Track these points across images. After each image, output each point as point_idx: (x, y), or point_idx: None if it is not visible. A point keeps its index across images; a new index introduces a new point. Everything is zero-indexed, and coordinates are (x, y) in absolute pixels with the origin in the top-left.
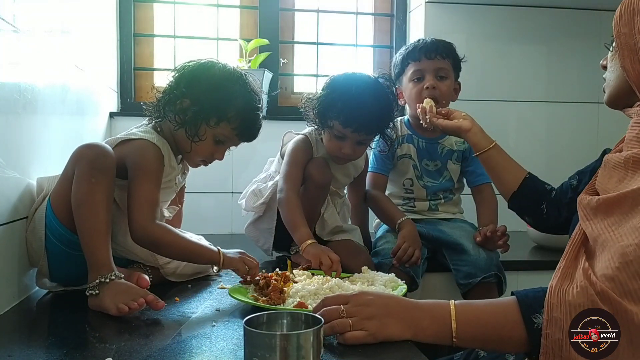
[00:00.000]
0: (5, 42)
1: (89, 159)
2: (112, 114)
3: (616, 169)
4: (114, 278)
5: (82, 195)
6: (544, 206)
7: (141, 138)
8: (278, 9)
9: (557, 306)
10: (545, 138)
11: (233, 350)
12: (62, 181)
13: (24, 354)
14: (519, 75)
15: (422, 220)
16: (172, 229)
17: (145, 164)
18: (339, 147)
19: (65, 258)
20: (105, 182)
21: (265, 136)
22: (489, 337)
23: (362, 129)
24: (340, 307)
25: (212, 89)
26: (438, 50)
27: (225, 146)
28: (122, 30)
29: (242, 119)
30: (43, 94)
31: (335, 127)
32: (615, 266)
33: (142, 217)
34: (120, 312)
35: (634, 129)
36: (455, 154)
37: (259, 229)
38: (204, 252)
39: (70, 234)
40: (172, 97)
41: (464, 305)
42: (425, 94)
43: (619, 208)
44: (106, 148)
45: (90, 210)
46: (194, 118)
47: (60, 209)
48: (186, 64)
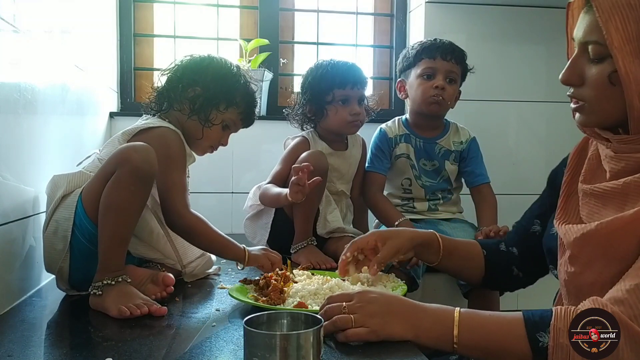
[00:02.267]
0: (5, 42)
1: (134, 165)
2: (112, 114)
3: (612, 197)
4: (121, 281)
5: (117, 201)
6: (516, 270)
7: (161, 126)
8: (278, 9)
9: (563, 332)
10: (545, 138)
11: (233, 350)
12: (99, 179)
13: (24, 354)
14: (518, 75)
15: (422, 220)
16: (205, 220)
17: (170, 151)
18: (348, 111)
19: (91, 259)
20: (144, 191)
21: (265, 136)
22: (490, 348)
23: (357, 81)
24: (342, 304)
25: (220, 76)
26: (454, 53)
27: (230, 131)
28: (122, 30)
29: (246, 103)
30: (43, 94)
31: (336, 95)
32: (625, 288)
33: (178, 204)
34: (121, 314)
35: (619, 162)
36: (453, 154)
37: (257, 225)
38: (231, 247)
39: None
40: (184, 86)
41: (469, 313)
42: (433, 93)
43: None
44: (152, 154)
45: (122, 218)
46: (206, 104)
47: (93, 207)
48: (184, 58)
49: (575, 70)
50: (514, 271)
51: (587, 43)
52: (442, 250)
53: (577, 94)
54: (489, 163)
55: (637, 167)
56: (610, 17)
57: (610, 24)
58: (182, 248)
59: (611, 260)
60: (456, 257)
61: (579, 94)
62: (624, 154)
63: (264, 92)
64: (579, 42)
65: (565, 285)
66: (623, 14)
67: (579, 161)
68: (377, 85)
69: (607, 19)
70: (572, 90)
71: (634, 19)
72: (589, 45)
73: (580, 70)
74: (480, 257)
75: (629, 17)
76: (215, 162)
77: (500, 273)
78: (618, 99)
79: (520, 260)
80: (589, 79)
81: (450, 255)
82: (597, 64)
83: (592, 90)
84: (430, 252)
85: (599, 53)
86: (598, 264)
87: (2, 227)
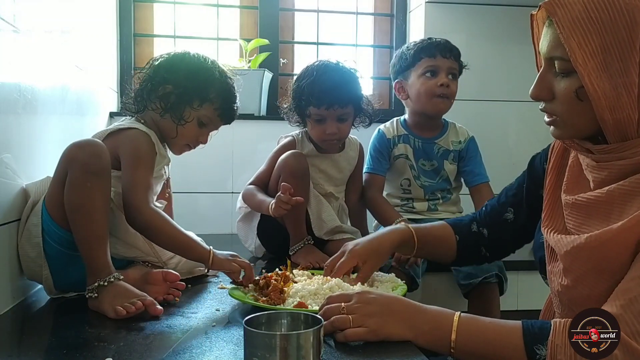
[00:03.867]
0: (5, 42)
1: (82, 162)
2: (112, 114)
3: (597, 206)
4: (112, 280)
5: (78, 201)
6: (484, 250)
7: (131, 127)
8: (278, 9)
9: (561, 348)
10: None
11: (233, 350)
12: (56, 183)
13: (24, 354)
14: (519, 75)
15: (422, 220)
16: (167, 217)
17: (138, 151)
18: (323, 130)
19: (67, 261)
20: (102, 185)
21: (264, 136)
22: (487, 356)
23: (334, 103)
24: (341, 305)
25: (192, 72)
26: (452, 51)
27: (208, 129)
28: (122, 30)
29: (223, 99)
30: (43, 94)
31: (312, 113)
32: (620, 304)
33: (138, 200)
34: (117, 315)
35: (602, 171)
36: (452, 154)
37: (249, 227)
38: (195, 247)
39: (69, 235)
40: (154, 84)
41: (468, 318)
42: (439, 91)
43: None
44: (99, 146)
45: (88, 216)
46: (178, 102)
47: (56, 211)
48: (160, 56)
49: (544, 85)
50: (482, 251)
51: (553, 58)
52: (417, 242)
53: (548, 108)
54: (489, 163)
55: (621, 175)
56: (571, 33)
57: (572, 40)
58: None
59: (603, 273)
60: (429, 244)
61: (551, 109)
62: (605, 163)
63: (264, 92)
64: (544, 57)
65: (559, 296)
66: (584, 29)
67: (562, 162)
68: (377, 85)
69: (569, 35)
70: (544, 104)
71: (595, 32)
72: (555, 61)
73: (549, 85)
74: (452, 240)
75: (590, 32)
76: (215, 162)
77: (470, 253)
78: (589, 113)
79: (489, 242)
80: (558, 93)
81: (424, 246)
82: (565, 77)
83: (562, 105)
84: (407, 248)
85: (565, 68)
86: (590, 277)
87: (2, 227)
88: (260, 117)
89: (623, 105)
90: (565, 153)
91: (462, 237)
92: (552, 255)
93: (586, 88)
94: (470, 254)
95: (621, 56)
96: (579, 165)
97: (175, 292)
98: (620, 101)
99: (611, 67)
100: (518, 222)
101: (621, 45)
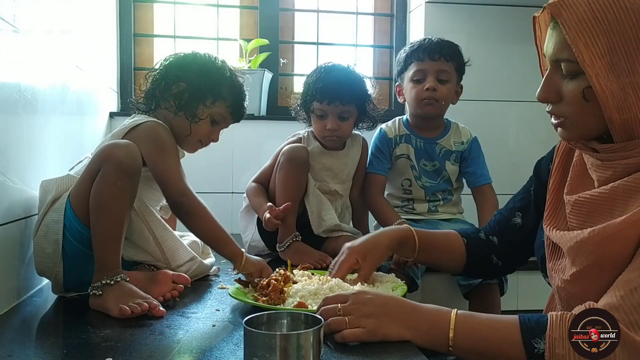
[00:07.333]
0: (5, 42)
1: (117, 161)
2: (112, 114)
3: (600, 203)
4: (119, 280)
5: (105, 198)
6: (495, 258)
7: (147, 120)
8: (278, 9)
9: (559, 341)
10: (545, 138)
11: (233, 350)
12: (85, 180)
13: (24, 354)
14: (519, 75)
15: (422, 221)
16: (209, 209)
17: (161, 141)
18: (323, 125)
19: (82, 260)
20: (131, 186)
21: (265, 136)
22: (485, 352)
23: (335, 99)
24: (337, 306)
25: (204, 70)
26: (442, 52)
27: (220, 127)
28: (122, 30)
29: (234, 96)
30: (43, 94)
31: (315, 109)
32: (620, 295)
33: (182, 185)
34: (122, 313)
35: (607, 170)
36: (454, 154)
37: (251, 218)
38: (230, 244)
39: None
40: (168, 83)
41: (465, 315)
42: (425, 95)
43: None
44: (135, 149)
45: (112, 215)
46: (191, 99)
47: (81, 208)
48: (168, 56)
49: (551, 87)
50: (493, 260)
51: (559, 61)
52: (418, 245)
53: (556, 110)
54: (489, 163)
55: (625, 174)
56: (577, 34)
57: (579, 41)
58: (170, 251)
59: (605, 268)
60: (434, 249)
61: (558, 111)
62: (610, 162)
63: (264, 92)
64: (550, 59)
65: (559, 292)
66: (591, 30)
67: (567, 162)
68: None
69: (575, 36)
70: (551, 106)
71: (602, 33)
72: (561, 63)
73: (556, 87)
74: (460, 247)
75: (597, 32)
76: (215, 162)
77: (480, 262)
78: (597, 114)
79: (499, 250)
80: (565, 95)
81: (427, 249)
82: (572, 79)
83: (570, 106)
84: (407, 248)
85: (572, 70)
86: (592, 272)
87: (3, 227)
88: (260, 117)
89: (630, 105)
90: (570, 153)
91: (471, 242)
92: (553, 253)
93: (594, 89)
94: (481, 262)
95: (628, 56)
96: (582, 165)
97: (174, 292)
98: (628, 101)
99: (618, 67)
100: (527, 226)
101: (628, 45)
